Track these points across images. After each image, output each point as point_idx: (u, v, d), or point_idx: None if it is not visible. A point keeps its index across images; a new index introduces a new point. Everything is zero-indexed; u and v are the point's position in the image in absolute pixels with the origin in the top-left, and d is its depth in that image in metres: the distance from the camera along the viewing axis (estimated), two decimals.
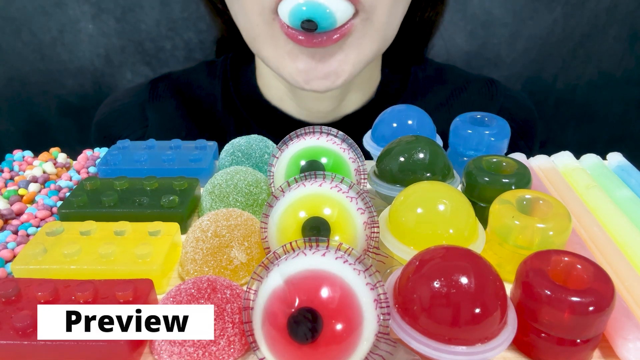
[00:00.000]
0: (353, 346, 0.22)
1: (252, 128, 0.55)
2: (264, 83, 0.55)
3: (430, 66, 0.59)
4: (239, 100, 0.56)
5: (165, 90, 0.58)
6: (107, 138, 0.58)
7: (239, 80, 0.57)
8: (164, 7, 0.75)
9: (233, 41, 0.57)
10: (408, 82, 0.57)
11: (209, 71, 0.58)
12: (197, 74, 0.59)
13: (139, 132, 0.58)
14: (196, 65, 0.61)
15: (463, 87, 0.58)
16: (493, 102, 0.58)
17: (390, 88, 0.56)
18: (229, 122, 0.56)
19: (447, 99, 0.57)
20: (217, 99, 0.57)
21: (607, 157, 0.43)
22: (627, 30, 0.79)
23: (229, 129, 0.56)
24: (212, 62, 0.59)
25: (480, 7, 0.77)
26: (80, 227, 0.32)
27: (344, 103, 0.53)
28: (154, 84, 0.59)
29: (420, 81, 0.57)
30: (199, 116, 0.57)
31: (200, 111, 0.57)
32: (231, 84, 0.56)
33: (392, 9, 0.42)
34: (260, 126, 0.55)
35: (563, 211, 0.30)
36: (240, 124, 0.56)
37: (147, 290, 0.27)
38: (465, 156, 0.41)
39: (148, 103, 0.57)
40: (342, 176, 0.30)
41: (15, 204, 0.37)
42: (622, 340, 0.25)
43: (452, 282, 0.23)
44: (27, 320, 0.24)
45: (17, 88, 0.80)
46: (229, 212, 0.32)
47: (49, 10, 0.74)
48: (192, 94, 0.58)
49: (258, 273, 0.25)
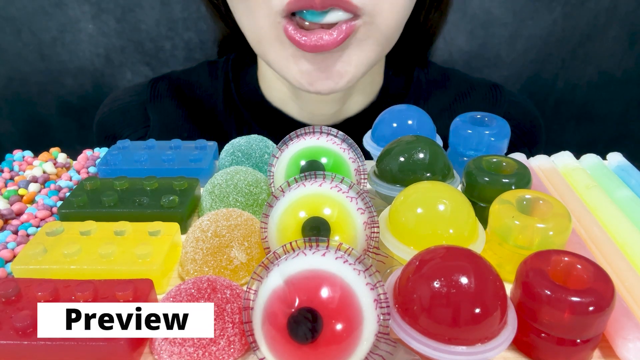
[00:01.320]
0: (353, 346, 0.22)
1: (254, 129, 0.55)
2: (266, 85, 0.55)
3: (434, 70, 0.59)
4: (240, 101, 0.56)
5: (165, 90, 0.58)
6: (108, 137, 0.58)
7: (241, 81, 0.57)
8: (164, 7, 0.75)
9: (235, 42, 0.57)
10: (411, 86, 0.57)
11: (210, 71, 0.58)
12: (198, 74, 0.59)
13: (141, 132, 0.57)
14: (197, 65, 0.60)
15: (467, 92, 0.58)
16: (497, 108, 0.57)
17: (392, 91, 0.56)
18: (230, 123, 0.56)
19: (450, 104, 0.57)
20: (219, 99, 0.56)
21: (607, 157, 0.43)
22: (627, 30, 0.79)
23: (230, 130, 0.56)
24: (214, 62, 0.59)
25: (480, 7, 0.77)
26: (80, 227, 0.32)
27: (346, 106, 0.53)
28: (154, 83, 0.58)
29: (424, 85, 0.57)
30: (200, 117, 0.57)
31: (202, 112, 0.57)
32: (232, 85, 0.56)
33: (395, 12, 0.42)
34: (262, 127, 0.55)
35: (563, 211, 0.30)
36: (241, 125, 0.56)
37: (147, 290, 0.27)
38: (465, 156, 0.41)
39: (149, 103, 0.57)
40: (342, 176, 0.30)
41: (15, 204, 0.37)
42: (622, 340, 0.25)
43: (452, 282, 0.23)
44: (27, 320, 0.24)
45: (17, 88, 0.80)
46: (229, 212, 0.32)
47: (49, 10, 0.74)
48: (193, 94, 0.58)
49: (258, 273, 0.25)
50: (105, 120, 0.59)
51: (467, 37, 0.80)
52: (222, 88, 0.57)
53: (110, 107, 0.59)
